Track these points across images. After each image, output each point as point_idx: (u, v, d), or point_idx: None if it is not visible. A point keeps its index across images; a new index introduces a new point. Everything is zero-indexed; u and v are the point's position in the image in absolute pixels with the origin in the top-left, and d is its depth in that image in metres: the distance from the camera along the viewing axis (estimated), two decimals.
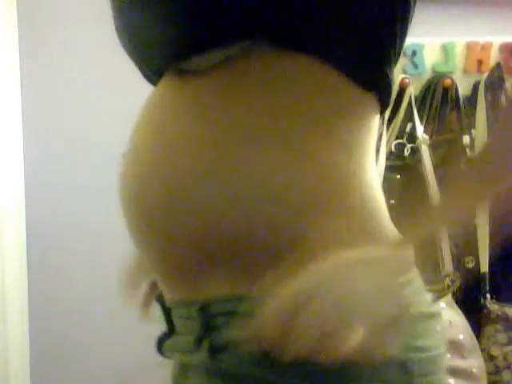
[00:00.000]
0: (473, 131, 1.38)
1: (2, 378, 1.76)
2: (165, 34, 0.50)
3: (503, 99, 1.41)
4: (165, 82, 0.54)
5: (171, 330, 0.55)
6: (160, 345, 0.57)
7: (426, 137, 1.36)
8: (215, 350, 0.47)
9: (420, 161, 1.33)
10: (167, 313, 0.55)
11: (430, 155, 1.34)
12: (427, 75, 1.44)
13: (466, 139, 1.36)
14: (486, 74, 1.43)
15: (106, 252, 1.85)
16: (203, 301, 0.49)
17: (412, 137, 1.36)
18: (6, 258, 1.79)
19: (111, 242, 1.85)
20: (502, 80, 1.42)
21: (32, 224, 1.84)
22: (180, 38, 0.49)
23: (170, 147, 0.49)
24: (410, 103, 1.37)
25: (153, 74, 0.57)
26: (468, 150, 1.34)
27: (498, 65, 1.43)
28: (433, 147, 1.36)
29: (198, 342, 0.48)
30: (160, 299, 0.57)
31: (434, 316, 0.50)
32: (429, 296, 0.51)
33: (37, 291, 1.84)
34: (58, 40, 1.85)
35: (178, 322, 0.54)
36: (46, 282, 1.84)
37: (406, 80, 1.37)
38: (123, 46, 0.58)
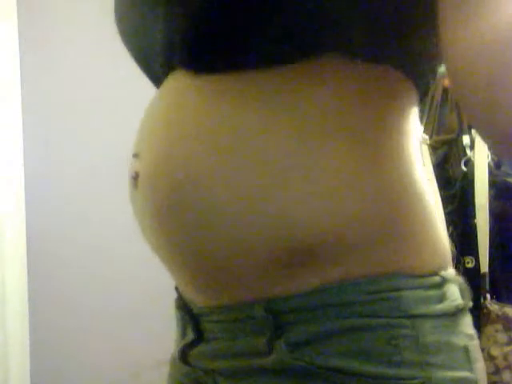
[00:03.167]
0: (473, 131, 1.38)
1: (3, 382, 1.76)
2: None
3: None
4: (178, 78, 0.52)
5: (198, 338, 0.54)
6: (184, 354, 0.56)
7: (426, 137, 1.36)
8: (294, 347, 0.46)
9: None
10: (195, 321, 0.54)
11: (430, 155, 1.34)
12: None
13: (466, 139, 1.36)
14: None
15: (107, 254, 1.85)
16: (268, 300, 0.47)
17: None
18: (7, 260, 1.79)
19: (112, 244, 1.85)
20: None
21: (32, 227, 1.84)
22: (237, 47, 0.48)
23: (202, 149, 0.47)
24: None
25: (163, 72, 0.55)
26: (468, 150, 1.34)
27: None
28: (433, 147, 1.36)
29: (269, 342, 0.47)
30: (185, 308, 0.56)
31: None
32: None
33: (37, 295, 1.84)
34: (58, 40, 1.85)
35: (213, 329, 0.52)
36: (46, 285, 1.84)
37: None
38: (126, 41, 0.57)
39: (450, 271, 0.52)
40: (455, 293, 0.51)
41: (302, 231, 0.46)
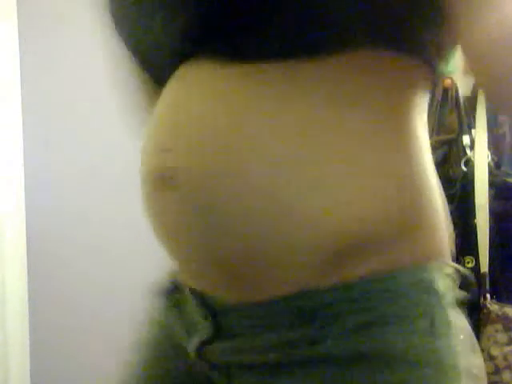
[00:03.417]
0: (473, 131, 1.37)
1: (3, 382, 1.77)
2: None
3: None
4: (195, 68, 0.51)
5: (216, 334, 0.54)
6: (201, 350, 0.55)
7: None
8: (338, 338, 0.47)
9: None
10: (213, 316, 0.54)
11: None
12: None
13: (466, 139, 1.36)
14: None
15: (106, 254, 1.85)
16: (311, 293, 0.48)
17: None
18: (7, 260, 1.79)
19: (112, 244, 1.85)
20: None
21: (32, 227, 1.84)
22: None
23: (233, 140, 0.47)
24: None
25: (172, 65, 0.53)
26: (468, 150, 1.34)
27: None
28: (433, 147, 1.36)
29: (311, 332, 0.48)
30: (205, 303, 0.55)
31: None
32: None
33: (37, 295, 1.84)
34: (58, 40, 1.85)
35: (243, 324, 0.52)
36: (46, 285, 1.84)
37: None
38: (129, 40, 0.57)
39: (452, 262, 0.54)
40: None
41: (349, 226, 0.46)
